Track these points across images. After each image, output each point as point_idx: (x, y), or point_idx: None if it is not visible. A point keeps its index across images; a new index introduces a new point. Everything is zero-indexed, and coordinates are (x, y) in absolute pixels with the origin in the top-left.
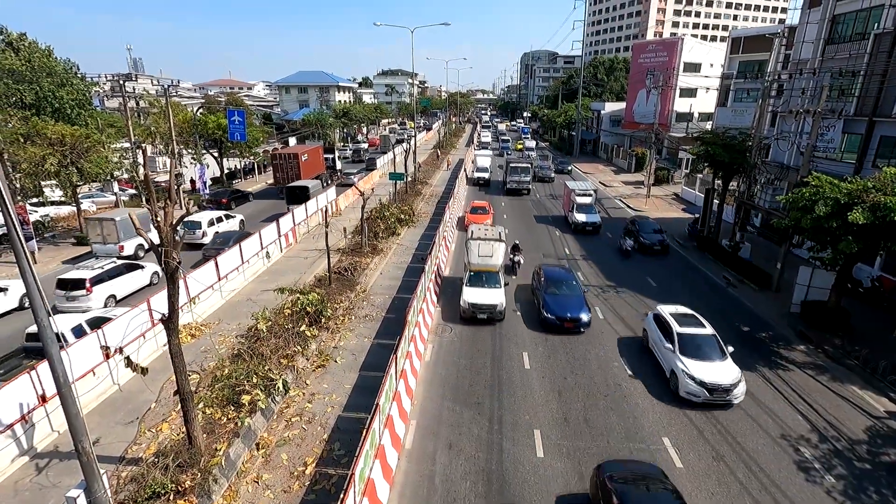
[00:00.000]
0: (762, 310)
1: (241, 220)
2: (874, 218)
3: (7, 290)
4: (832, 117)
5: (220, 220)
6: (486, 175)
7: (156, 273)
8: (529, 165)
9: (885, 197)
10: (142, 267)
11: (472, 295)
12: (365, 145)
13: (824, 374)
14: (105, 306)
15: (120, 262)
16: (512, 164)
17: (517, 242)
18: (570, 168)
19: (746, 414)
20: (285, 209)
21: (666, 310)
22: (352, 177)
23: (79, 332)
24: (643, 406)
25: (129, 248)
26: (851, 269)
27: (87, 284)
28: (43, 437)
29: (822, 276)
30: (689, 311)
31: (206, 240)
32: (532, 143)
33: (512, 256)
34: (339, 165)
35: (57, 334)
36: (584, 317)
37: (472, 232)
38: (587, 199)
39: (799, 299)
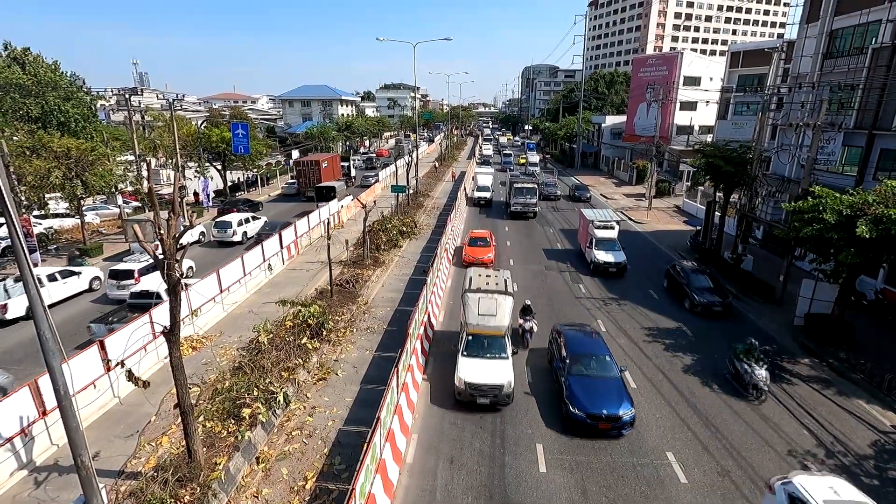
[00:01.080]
0: (765, 323)
1: (265, 220)
2: (877, 231)
3: (80, 273)
4: (832, 130)
5: (247, 220)
6: (487, 195)
7: (190, 267)
8: (535, 186)
9: (888, 209)
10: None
11: (471, 370)
12: (374, 155)
13: (829, 388)
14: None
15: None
16: (516, 185)
17: (528, 303)
18: (588, 195)
19: (751, 428)
20: (313, 206)
21: (810, 489)
22: (370, 179)
23: (171, 292)
24: None
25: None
26: (855, 281)
27: (136, 275)
28: (42, 451)
29: (826, 288)
30: (859, 497)
31: (237, 238)
32: (536, 158)
33: (522, 322)
34: (353, 172)
35: (155, 292)
36: (626, 413)
37: (471, 280)
38: (609, 233)
39: (802, 312)
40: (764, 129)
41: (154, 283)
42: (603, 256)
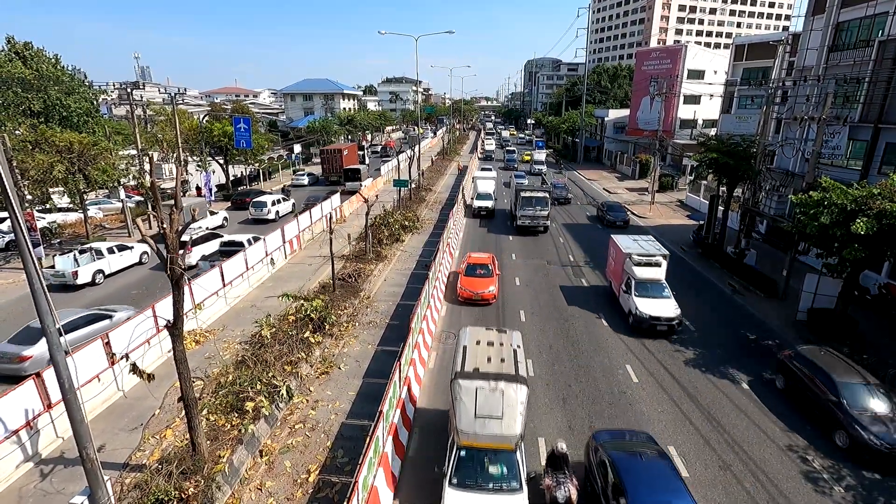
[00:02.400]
0: (768, 317)
1: (293, 202)
2: (879, 226)
3: (133, 248)
4: (837, 124)
5: (279, 201)
6: (488, 204)
7: (204, 257)
8: (547, 195)
9: (891, 204)
10: (220, 236)
11: None
12: (385, 146)
13: None
14: (196, 263)
15: (206, 231)
16: (524, 194)
17: (562, 449)
18: (626, 218)
19: (753, 423)
20: (338, 188)
21: None
22: (387, 163)
23: (251, 241)
24: None
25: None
26: (858, 276)
27: (189, 245)
28: (47, 444)
29: (829, 283)
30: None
31: (271, 216)
32: (543, 156)
33: (550, 483)
34: (367, 160)
35: (239, 243)
36: None
37: (464, 352)
38: (654, 273)
39: (805, 307)
40: (768, 122)
41: (240, 237)
42: (647, 307)
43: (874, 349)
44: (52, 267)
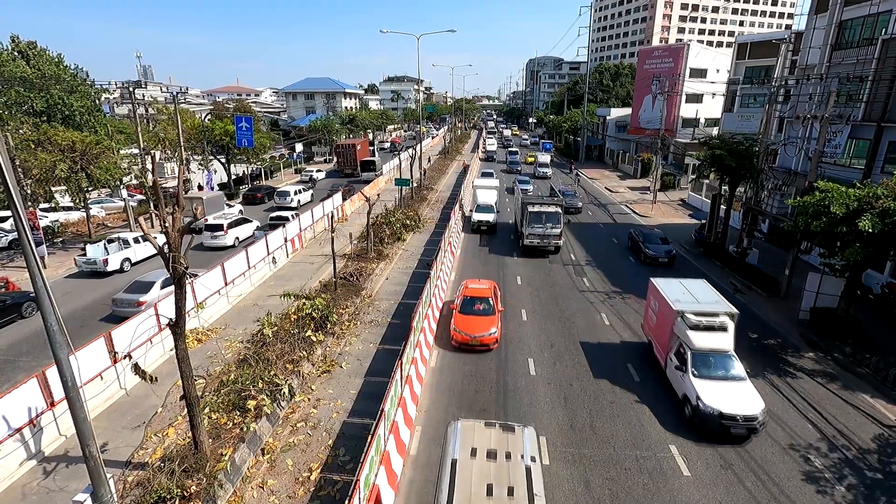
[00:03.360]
0: (770, 316)
1: (312, 192)
2: (883, 225)
3: (155, 238)
4: (840, 123)
5: (301, 191)
6: (490, 217)
7: (258, 228)
8: (559, 209)
9: (895, 203)
10: (251, 221)
11: None
12: (393, 142)
13: (834, 383)
14: (233, 244)
15: (240, 216)
16: (532, 209)
17: None
18: (672, 250)
19: None
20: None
21: None
22: (396, 157)
23: (293, 217)
24: None
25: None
26: (861, 275)
27: (225, 228)
28: (51, 441)
29: (832, 282)
30: None
31: (293, 204)
32: (547, 158)
33: None
34: (377, 155)
35: (285, 217)
36: None
37: (453, 468)
38: (718, 340)
39: (808, 306)
40: (771, 121)
41: (284, 213)
42: (715, 397)
43: (877, 348)
44: (84, 255)
